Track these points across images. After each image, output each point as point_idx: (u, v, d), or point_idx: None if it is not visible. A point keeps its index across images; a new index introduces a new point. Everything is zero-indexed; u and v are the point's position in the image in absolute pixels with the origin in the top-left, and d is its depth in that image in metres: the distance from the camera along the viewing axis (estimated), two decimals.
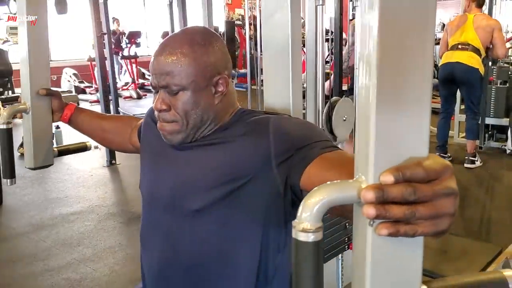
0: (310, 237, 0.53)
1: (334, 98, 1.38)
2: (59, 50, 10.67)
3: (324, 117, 1.38)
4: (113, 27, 9.15)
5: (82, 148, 1.64)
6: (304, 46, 1.83)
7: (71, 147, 1.64)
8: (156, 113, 1.05)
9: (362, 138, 0.55)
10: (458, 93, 5.47)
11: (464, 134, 5.57)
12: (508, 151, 5.10)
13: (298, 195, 0.96)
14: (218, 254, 1.03)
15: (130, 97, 9.84)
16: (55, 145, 1.53)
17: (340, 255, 1.54)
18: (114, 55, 8.63)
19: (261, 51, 1.20)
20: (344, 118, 1.40)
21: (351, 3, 3.36)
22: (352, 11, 5.44)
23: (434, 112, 6.57)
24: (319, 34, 1.37)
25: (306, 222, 0.53)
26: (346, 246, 1.48)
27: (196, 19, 8.83)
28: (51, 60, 10.55)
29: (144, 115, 1.26)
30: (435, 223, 0.53)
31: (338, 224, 1.46)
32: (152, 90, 1.08)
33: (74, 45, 10.96)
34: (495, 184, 4.48)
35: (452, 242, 2.51)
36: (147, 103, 9.13)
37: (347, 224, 1.48)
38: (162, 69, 1.00)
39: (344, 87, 3.52)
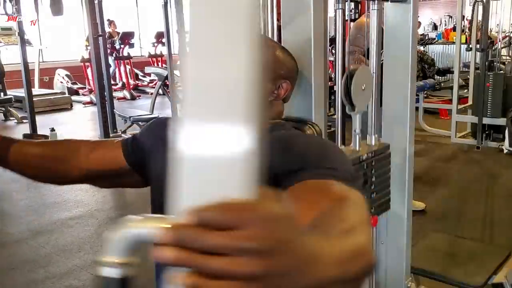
0: (112, 272, 0.50)
1: (352, 66, 1.35)
2: (51, 51, 10.54)
3: (342, 88, 1.35)
4: (109, 29, 9.06)
5: None
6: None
7: None
8: None
9: None
10: (455, 94, 5.49)
11: (461, 134, 5.59)
12: (505, 151, 5.10)
13: None
14: None
15: (124, 98, 9.76)
16: None
17: None
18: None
19: None
20: (363, 87, 1.37)
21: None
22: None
23: (429, 112, 6.59)
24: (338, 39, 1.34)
25: (111, 255, 0.50)
26: None
27: None
28: (43, 61, 10.45)
29: (138, 116, 1.20)
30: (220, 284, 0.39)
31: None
32: None
33: (67, 45, 10.83)
34: (494, 184, 4.48)
35: (459, 245, 2.49)
36: (142, 104, 9.04)
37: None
38: None
39: None
